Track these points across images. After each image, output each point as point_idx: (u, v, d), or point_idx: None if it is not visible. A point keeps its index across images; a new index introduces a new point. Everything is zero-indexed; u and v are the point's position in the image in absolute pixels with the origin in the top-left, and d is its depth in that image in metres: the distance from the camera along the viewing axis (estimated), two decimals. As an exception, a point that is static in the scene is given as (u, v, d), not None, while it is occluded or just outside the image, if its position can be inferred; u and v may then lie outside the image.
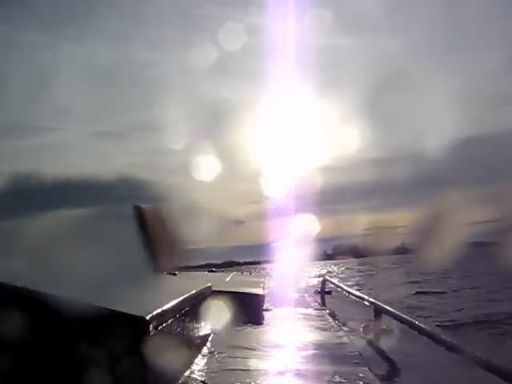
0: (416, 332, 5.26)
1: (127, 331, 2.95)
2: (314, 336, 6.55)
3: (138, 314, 3.05)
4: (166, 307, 3.61)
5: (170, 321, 3.74)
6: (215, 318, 6.52)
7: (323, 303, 10.44)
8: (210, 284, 6.32)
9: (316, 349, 5.69)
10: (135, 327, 3.00)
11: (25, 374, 2.97)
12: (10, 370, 2.88)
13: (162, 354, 3.27)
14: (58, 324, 2.95)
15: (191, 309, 4.79)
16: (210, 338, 5.86)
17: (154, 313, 3.21)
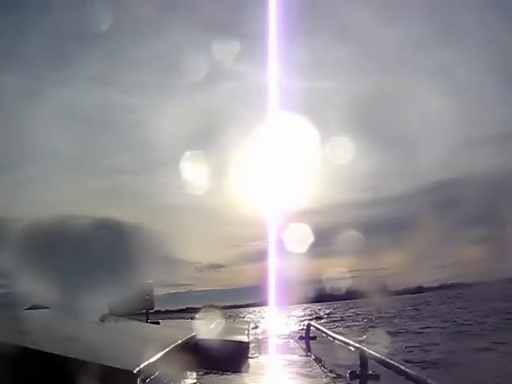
0: (403, 377, 5.23)
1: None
2: (300, 383, 6.49)
3: (126, 368, 3.03)
4: (152, 359, 3.59)
5: (157, 372, 3.71)
6: (200, 366, 6.44)
7: (308, 349, 10.33)
8: (194, 333, 6.27)
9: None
10: (123, 381, 2.97)
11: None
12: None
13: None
14: (46, 379, 2.91)
15: (177, 359, 4.74)
16: (195, 388, 5.78)
17: (142, 366, 3.19)
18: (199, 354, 6.20)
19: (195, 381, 5.93)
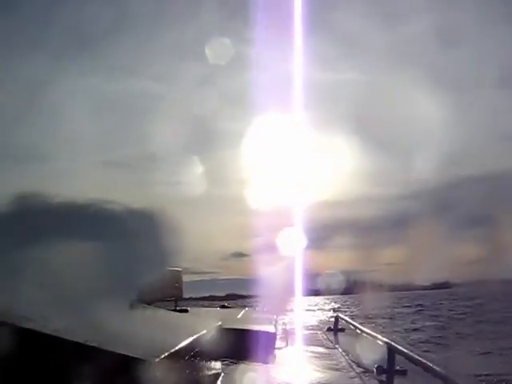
0: (430, 374, 5.14)
1: (134, 375, 2.92)
2: (326, 376, 6.45)
3: (146, 358, 3.02)
4: (174, 349, 3.58)
5: (179, 363, 3.70)
6: (226, 356, 6.45)
7: (336, 341, 10.27)
8: (220, 322, 6.26)
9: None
10: (142, 371, 2.96)
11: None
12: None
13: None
14: (64, 367, 2.92)
15: (202, 349, 4.73)
16: (220, 378, 5.78)
17: (162, 356, 3.18)
18: (225, 344, 6.20)
19: (219, 371, 5.93)
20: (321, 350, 9.00)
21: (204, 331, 5.00)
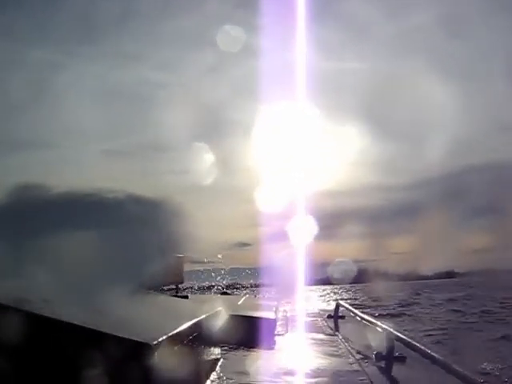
0: (428, 360, 5.16)
1: (132, 357, 2.94)
2: (326, 362, 6.48)
3: (144, 341, 3.04)
4: (173, 333, 3.60)
5: (178, 346, 3.72)
6: (226, 342, 6.48)
7: (336, 328, 10.30)
8: (221, 308, 6.29)
9: (326, 376, 5.62)
10: (142, 353, 2.98)
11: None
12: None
13: (170, 380, 3.25)
14: (65, 349, 2.95)
15: (201, 333, 4.76)
16: (219, 363, 5.82)
17: (160, 339, 3.20)
18: (225, 330, 6.23)
19: (219, 356, 5.97)
20: (321, 336, 9.04)
21: (203, 316, 5.02)
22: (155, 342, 3.09)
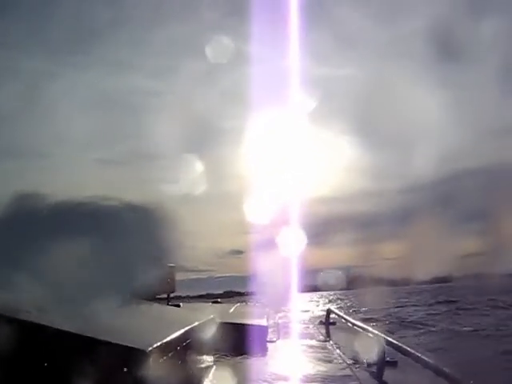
0: (419, 365, 5.21)
1: (127, 364, 2.96)
2: (318, 368, 6.51)
3: (138, 347, 3.07)
4: (167, 339, 3.63)
5: (171, 353, 3.75)
6: (218, 350, 6.49)
7: (327, 334, 10.35)
8: (212, 316, 6.31)
9: (318, 382, 5.65)
10: (136, 360, 3.01)
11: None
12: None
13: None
14: (58, 355, 2.97)
15: (194, 340, 4.78)
16: (212, 370, 5.83)
17: (155, 345, 3.23)
18: (217, 337, 6.24)
19: (211, 363, 5.99)
20: (312, 342, 9.08)
21: (196, 323, 5.05)
22: (150, 349, 3.12)
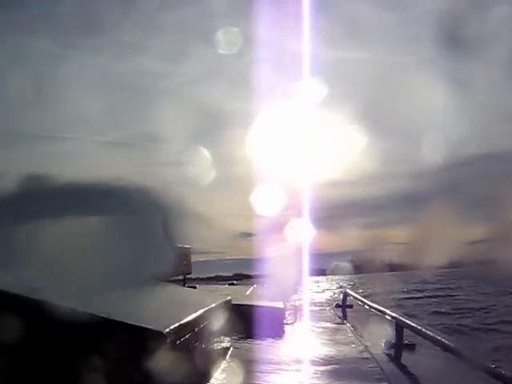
0: (439, 348, 5.15)
1: (144, 345, 2.94)
2: (335, 350, 6.47)
3: (156, 329, 3.04)
4: (184, 321, 3.60)
5: (188, 334, 3.72)
6: (235, 331, 6.48)
7: (344, 317, 10.32)
8: (229, 298, 6.29)
9: (336, 363, 5.62)
10: (152, 341, 2.99)
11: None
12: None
13: (179, 368, 3.25)
14: (76, 336, 2.95)
15: (211, 322, 4.77)
16: (229, 352, 5.83)
17: (172, 327, 3.20)
18: (234, 319, 6.23)
19: (229, 345, 5.98)
20: (329, 325, 9.04)
21: (213, 305, 5.03)
22: (167, 330, 3.09)
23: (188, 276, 9.71)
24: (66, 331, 2.97)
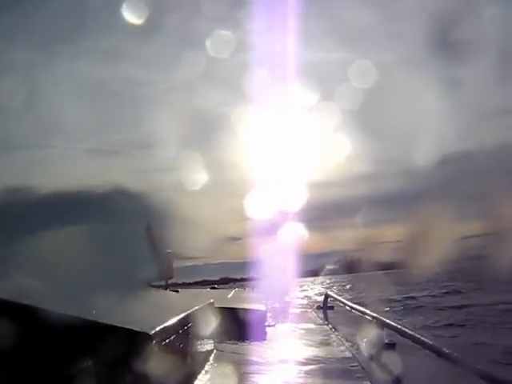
0: (419, 346, 5.26)
1: (131, 346, 2.98)
2: (317, 351, 6.57)
3: (142, 330, 3.09)
4: (168, 323, 3.65)
5: (172, 336, 3.77)
6: (218, 334, 6.53)
7: (326, 318, 10.43)
8: (212, 300, 6.34)
9: (318, 363, 5.71)
10: (139, 342, 3.03)
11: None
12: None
13: (165, 369, 3.30)
14: (60, 339, 2.98)
15: (194, 325, 4.81)
16: (212, 354, 5.88)
17: (157, 328, 3.25)
18: (217, 322, 6.28)
19: (212, 347, 6.02)
20: (311, 326, 9.14)
21: (196, 307, 5.08)
22: (153, 332, 3.14)
23: (171, 281, 9.72)
24: (54, 335, 3.00)
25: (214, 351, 6.00)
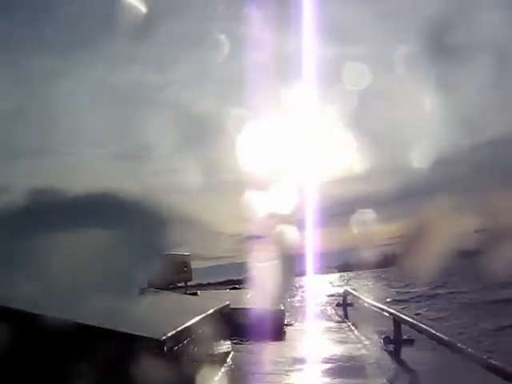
0: (435, 342, 5.23)
1: (143, 353, 3.02)
2: (336, 349, 6.55)
3: (153, 336, 3.13)
4: (181, 328, 3.68)
5: (187, 340, 3.81)
6: (236, 335, 6.57)
7: (345, 316, 10.39)
8: (228, 302, 6.37)
9: (337, 362, 5.70)
10: (150, 348, 3.07)
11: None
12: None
13: (179, 374, 3.34)
14: (75, 346, 3.03)
15: (209, 327, 4.84)
16: (230, 355, 5.90)
17: (169, 334, 3.29)
18: (234, 323, 6.32)
19: (230, 349, 6.06)
20: (330, 324, 9.13)
21: (211, 310, 5.11)
22: (164, 337, 3.17)
23: (196, 282, 9.81)
24: (64, 342, 3.06)
25: (232, 352, 6.03)
